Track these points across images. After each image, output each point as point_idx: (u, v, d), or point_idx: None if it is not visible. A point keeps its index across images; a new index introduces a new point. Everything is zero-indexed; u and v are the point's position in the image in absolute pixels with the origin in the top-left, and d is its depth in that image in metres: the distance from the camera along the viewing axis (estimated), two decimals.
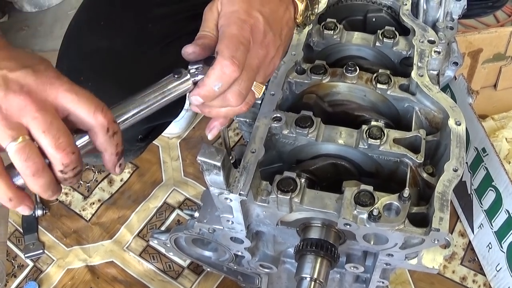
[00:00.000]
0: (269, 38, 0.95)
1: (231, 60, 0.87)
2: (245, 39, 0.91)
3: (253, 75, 0.93)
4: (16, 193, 0.80)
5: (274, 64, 0.99)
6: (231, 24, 0.92)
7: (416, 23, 1.27)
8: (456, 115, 1.08)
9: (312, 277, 1.04)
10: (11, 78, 0.79)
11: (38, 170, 0.78)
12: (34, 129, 0.78)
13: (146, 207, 2.11)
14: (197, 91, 0.91)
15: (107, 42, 1.09)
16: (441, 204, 0.95)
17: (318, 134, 1.08)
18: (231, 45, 0.89)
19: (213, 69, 0.89)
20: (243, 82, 0.91)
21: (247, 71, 0.91)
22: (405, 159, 1.05)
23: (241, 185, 0.97)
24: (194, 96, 0.91)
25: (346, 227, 0.97)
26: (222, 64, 0.88)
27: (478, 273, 1.88)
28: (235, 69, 0.88)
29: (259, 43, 0.93)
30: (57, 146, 0.78)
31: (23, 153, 0.76)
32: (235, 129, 2.30)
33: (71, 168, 0.81)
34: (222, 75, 0.88)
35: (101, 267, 1.97)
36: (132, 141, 1.44)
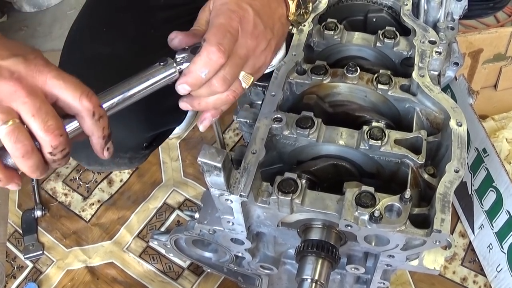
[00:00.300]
0: (260, 30, 0.97)
1: (217, 47, 0.90)
2: (233, 28, 0.93)
3: (240, 63, 0.95)
4: (5, 173, 0.84)
5: (266, 57, 1.00)
6: (220, 15, 0.94)
7: (417, 23, 1.26)
8: (457, 116, 1.07)
9: (313, 279, 1.03)
10: (2, 65, 0.83)
11: (28, 152, 0.82)
12: (24, 113, 0.81)
13: (145, 207, 2.11)
14: (184, 79, 0.93)
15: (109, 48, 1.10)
16: (442, 205, 0.95)
17: (319, 135, 1.07)
18: (218, 33, 0.91)
19: (199, 55, 0.91)
20: (228, 68, 0.93)
21: (233, 58, 0.93)
22: (406, 160, 1.05)
23: (242, 186, 0.97)
24: (181, 85, 0.94)
25: (347, 228, 0.97)
26: (209, 50, 0.90)
27: (478, 274, 1.88)
28: (221, 55, 0.90)
29: (248, 33, 0.95)
30: (46, 129, 0.81)
31: (13, 135, 0.80)
32: (235, 130, 2.29)
33: (59, 150, 0.84)
34: (208, 61, 0.90)
35: (101, 268, 1.97)
36: (137, 149, 1.45)
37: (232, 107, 1.23)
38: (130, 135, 1.38)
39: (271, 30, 0.99)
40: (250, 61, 0.97)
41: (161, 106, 1.36)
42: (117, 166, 1.50)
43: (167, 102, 1.29)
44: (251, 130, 1.11)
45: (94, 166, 1.49)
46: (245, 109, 1.20)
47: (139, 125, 1.36)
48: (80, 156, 1.46)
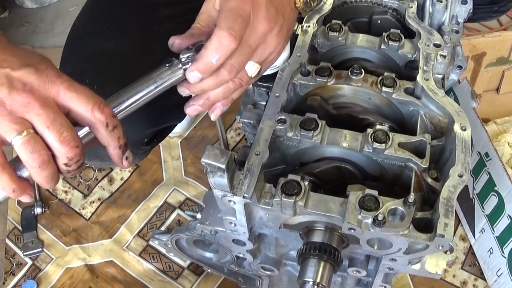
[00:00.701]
0: (271, 14, 0.95)
1: (228, 31, 0.89)
2: (245, 12, 0.91)
3: (249, 51, 0.94)
4: (19, 184, 0.83)
5: (277, 44, 0.99)
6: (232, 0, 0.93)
7: (421, 26, 1.26)
8: (461, 120, 1.07)
9: (315, 281, 1.03)
10: (14, 76, 0.82)
11: (44, 162, 0.81)
12: (39, 125, 0.81)
13: (146, 206, 2.11)
14: (195, 65, 0.92)
15: (112, 44, 1.10)
16: (446, 209, 0.95)
17: (323, 137, 1.07)
18: (229, 17, 0.90)
19: (210, 40, 0.90)
20: (236, 56, 0.92)
21: (243, 46, 0.92)
22: (410, 163, 1.04)
23: (245, 187, 0.96)
24: (192, 72, 0.93)
25: (351, 231, 0.97)
26: (219, 35, 0.89)
27: (478, 277, 1.88)
28: (232, 39, 0.89)
29: (260, 18, 0.94)
30: (61, 141, 0.81)
31: (29, 145, 0.80)
32: (236, 129, 2.29)
33: (75, 161, 0.84)
34: (220, 46, 0.89)
35: (101, 267, 1.97)
36: (138, 145, 1.44)
37: (234, 108, 1.23)
38: (131, 131, 1.37)
39: (282, 15, 0.98)
40: (260, 49, 0.95)
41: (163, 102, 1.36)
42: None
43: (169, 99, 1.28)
44: (255, 131, 1.11)
45: (94, 161, 1.49)
46: (249, 109, 1.20)
47: (140, 120, 1.35)
48: None
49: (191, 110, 1.01)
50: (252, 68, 0.97)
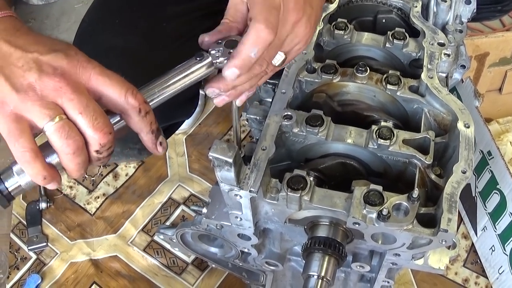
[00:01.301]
0: (300, 4, 0.94)
1: (265, 23, 0.87)
2: (276, 3, 0.90)
3: (279, 43, 0.93)
4: (50, 172, 0.82)
5: (305, 34, 0.97)
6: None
7: (426, 25, 1.27)
8: (465, 117, 1.08)
9: (319, 275, 1.04)
10: (43, 60, 0.80)
11: (78, 148, 0.80)
12: (71, 110, 0.79)
13: (151, 202, 2.12)
14: (232, 62, 0.90)
15: (122, 41, 1.10)
16: (449, 205, 0.96)
17: (328, 133, 1.08)
18: (264, 9, 0.88)
19: (248, 34, 0.88)
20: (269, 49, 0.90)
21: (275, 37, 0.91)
22: (414, 160, 1.06)
23: (252, 182, 0.98)
24: (230, 69, 0.90)
25: (355, 226, 0.98)
26: (257, 28, 0.87)
27: (480, 275, 1.89)
28: (270, 31, 0.87)
29: (290, 9, 0.92)
30: (94, 127, 0.80)
31: (63, 131, 0.79)
32: (241, 126, 2.30)
33: (106, 148, 0.83)
34: (258, 39, 0.87)
35: (105, 261, 1.98)
36: None
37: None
38: None
39: (310, 5, 0.96)
40: (288, 39, 0.94)
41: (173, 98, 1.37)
42: (126, 157, 1.50)
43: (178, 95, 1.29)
44: (260, 126, 1.12)
45: None
46: (255, 106, 1.21)
47: None
48: None
49: (220, 101, 0.98)
50: (278, 58, 0.96)
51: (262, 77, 0.98)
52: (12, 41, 0.83)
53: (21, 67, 0.80)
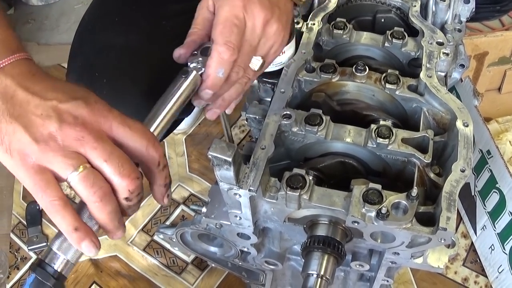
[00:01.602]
0: (266, 6, 0.95)
1: (226, 46, 0.90)
2: (238, 18, 0.92)
3: (251, 50, 0.95)
4: (81, 222, 0.78)
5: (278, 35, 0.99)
6: (223, 6, 0.93)
7: (425, 24, 1.27)
8: (464, 116, 1.09)
9: (318, 274, 1.04)
10: (63, 109, 0.78)
11: (106, 195, 0.77)
12: (95, 159, 0.77)
13: (150, 202, 2.12)
14: (204, 85, 0.93)
15: (122, 39, 1.10)
16: (448, 204, 0.96)
17: (327, 132, 1.09)
18: (225, 30, 0.91)
19: (211, 58, 0.91)
20: (239, 59, 0.93)
21: (244, 47, 0.94)
22: (413, 159, 1.06)
23: (251, 181, 0.98)
24: (204, 91, 0.94)
25: (354, 224, 0.98)
26: (219, 51, 0.90)
27: (480, 274, 1.89)
28: (231, 53, 0.90)
29: (255, 13, 0.94)
30: (121, 173, 0.77)
31: (88, 179, 0.76)
32: (241, 126, 2.30)
33: (136, 194, 0.81)
34: (221, 61, 0.90)
35: (105, 261, 1.98)
36: None
37: (239, 105, 1.25)
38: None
39: (277, 6, 0.98)
40: (261, 43, 0.96)
41: None
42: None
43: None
44: (260, 126, 1.12)
45: None
46: (254, 105, 1.21)
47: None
48: None
49: (211, 114, 1.02)
50: (256, 63, 0.98)
51: (246, 83, 1.01)
52: (29, 87, 0.79)
53: (40, 116, 0.76)
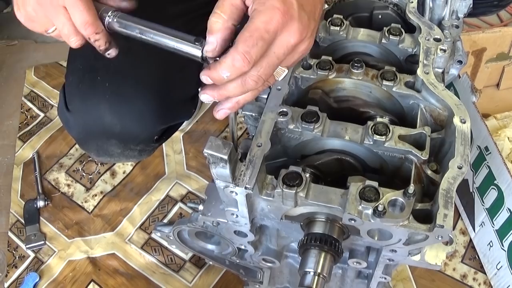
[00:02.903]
0: (304, 24, 0.92)
1: (243, 56, 0.86)
2: (269, 33, 0.88)
3: (277, 63, 0.92)
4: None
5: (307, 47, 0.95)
6: (260, 13, 0.88)
7: (422, 21, 1.27)
8: (461, 113, 1.08)
9: (315, 271, 1.04)
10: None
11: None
12: None
13: (148, 199, 2.12)
14: (207, 72, 0.90)
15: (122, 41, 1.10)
16: (445, 201, 0.96)
17: (324, 129, 1.08)
18: (250, 39, 0.87)
19: (225, 57, 0.88)
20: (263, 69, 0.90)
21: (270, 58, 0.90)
22: (410, 155, 1.06)
23: (247, 178, 0.98)
24: (204, 76, 0.91)
25: (351, 222, 0.98)
26: (234, 57, 0.87)
27: (478, 271, 1.89)
28: (245, 65, 0.87)
29: (292, 31, 0.90)
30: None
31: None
32: (238, 124, 2.30)
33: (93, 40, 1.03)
34: (231, 67, 0.88)
35: (103, 259, 1.98)
36: (148, 142, 1.47)
37: None
38: (143, 128, 1.39)
39: (314, 19, 0.95)
40: (289, 57, 0.93)
41: (174, 98, 1.37)
42: (126, 158, 1.52)
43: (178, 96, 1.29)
44: (256, 123, 1.12)
45: (104, 157, 1.50)
46: (251, 102, 1.21)
47: (152, 118, 1.37)
48: (90, 147, 1.48)
49: (221, 115, 0.98)
50: (280, 73, 0.95)
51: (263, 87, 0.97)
52: None
53: None
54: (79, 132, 1.42)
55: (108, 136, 1.38)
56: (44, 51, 2.76)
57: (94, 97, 1.33)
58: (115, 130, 1.36)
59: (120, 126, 1.33)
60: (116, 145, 1.42)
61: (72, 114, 1.36)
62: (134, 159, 1.55)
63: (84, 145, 1.49)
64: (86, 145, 1.48)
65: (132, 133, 1.37)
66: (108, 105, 1.32)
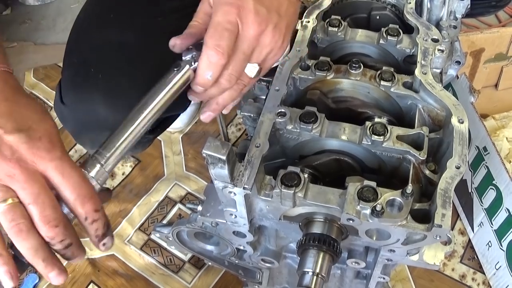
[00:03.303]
0: (262, 17, 0.95)
1: (215, 49, 0.90)
2: (231, 24, 0.92)
3: (244, 58, 0.95)
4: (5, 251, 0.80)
5: (275, 42, 0.99)
6: (217, 10, 0.94)
7: (420, 21, 1.27)
8: (459, 113, 1.08)
9: (314, 271, 1.04)
10: (4, 141, 0.80)
11: (22, 232, 0.79)
12: (22, 198, 0.80)
13: (147, 201, 2.12)
14: (194, 82, 0.95)
15: (118, 35, 1.10)
16: (443, 200, 0.96)
17: (322, 129, 1.08)
18: (215, 33, 0.91)
19: (200, 59, 0.92)
20: (232, 66, 0.94)
21: (237, 54, 0.94)
22: (408, 155, 1.06)
23: (246, 179, 0.98)
24: (195, 86, 0.95)
25: (349, 222, 0.98)
26: (208, 54, 0.91)
27: (477, 271, 1.89)
28: (220, 57, 0.91)
29: (249, 23, 0.94)
30: (41, 219, 0.80)
31: (8, 214, 0.79)
32: (237, 125, 2.30)
33: (58, 241, 0.82)
34: (210, 64, 0.91)
35: (102, 260, 1.98)
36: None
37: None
38: None
39: (276, 12, 0.98)
40: (256, 51, 0.96)
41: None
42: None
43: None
44: (255, 124, 1.12)
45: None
46: (249, 103, 1.21)
47: None
48: (84, 140, 1.47)
49: (206, 117, 1.03)
50: (252, 70, 0.98)
51: (242, 89, 1.01)
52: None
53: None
54: (74, 125, 1.41)
55: (101, 128, 1.37)
56: (43, 53, 2.76)
57: (88, 89, 1.32)
58: (107, 121, 1.35)
59: (113, 117, 1.32)
60: None
61: (66, 107, 1.35)
62: (129, 152, 1.55)
63: (79, 138, 1.49)
64: (80, 138, 1.47)
65: None
66: (102, 96, 1.30)
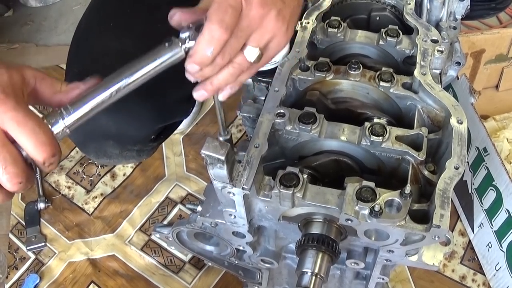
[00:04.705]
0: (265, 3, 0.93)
1: (219, 24, 0.88)
2: (235, 1, 0.90)
3: (241, 35, 0.92)
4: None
5: (278, 29, 0.96)
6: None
7: (419, 22, 1.27)
8: (458, 113, 1.08)
9: (313, 272, 1.04)
10: None
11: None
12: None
13: (148, 201, 2.12)
14: (191, 59, 0.91)
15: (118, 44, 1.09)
16: (442, 201, 0.96)
17: (321, 130, 1.09)
18: (219, 9, 0.89)
19: (202, 34, 0.89)
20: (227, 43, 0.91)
21: (234, 31, 0.91)
22: (407, 156, 1.06)
23: (244, 179, 0.98)
24: (190, 64, 0.91)
25: (348, 222, 0.98)
26: (210, 28, 0.88)
27: (477, 272, 1.89)
28: (223, 31, 0.88)
29: (253, 3, 0.92)
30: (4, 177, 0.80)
31: None
32: (237, 126, 2.31)
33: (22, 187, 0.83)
34: (211, 39, 0.88)
35: (103, 261, 1.99)
36: (145, 142, 1.46)
37: (235, 103, 1.25)
38: (139, 128, 1.39)
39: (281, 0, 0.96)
40: (257, 33, 0.94)
41: (169, 98, 1.37)
42: (125, 159, 1.52)
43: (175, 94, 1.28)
44: (254, 125, 1.12)
45: (103, 159, 1.51)
46: (249, 104, 1.21)
47: (148, 117, 1.37)
48: (89, 149, 1.48)
49: (198, 95, 0.98)
50: (251, 53, 0.94)
51: (239, 74, 0.98)
52: None
53: None
54: (78, 135, 1.42)
55: (105, 138, 1.38)
56: (45, 54, 2.77)
57: None
58: (111, 131, 1.36)
59: (116, 126, 1.33)
60: (114, 146, 1.42)
61: None
62: (134, 160, 1.55)
63: (83, 148, 1.50)
64: (85, 148, 1.48)
65: (128, 133, 1.37)
66: None
